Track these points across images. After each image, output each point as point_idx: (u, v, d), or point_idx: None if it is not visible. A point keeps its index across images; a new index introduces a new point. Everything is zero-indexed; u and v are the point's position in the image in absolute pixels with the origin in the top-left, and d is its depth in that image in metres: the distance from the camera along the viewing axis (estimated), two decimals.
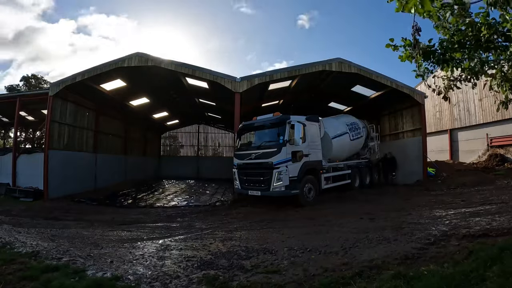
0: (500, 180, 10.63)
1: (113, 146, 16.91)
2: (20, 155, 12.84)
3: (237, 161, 9.77)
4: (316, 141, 9.91)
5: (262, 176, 8.85)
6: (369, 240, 4.68)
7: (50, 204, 10.45)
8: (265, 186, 8.74)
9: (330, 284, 3.09)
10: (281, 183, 8.46)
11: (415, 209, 7.39)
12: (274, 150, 8.68)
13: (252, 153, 9.27)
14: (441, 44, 3.41)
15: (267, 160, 8.74)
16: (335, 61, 11.80)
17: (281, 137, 8.70)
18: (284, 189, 8.50)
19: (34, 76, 31.22)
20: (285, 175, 8.46)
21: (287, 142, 8.61)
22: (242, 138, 10.51)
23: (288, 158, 8.61)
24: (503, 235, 4.12)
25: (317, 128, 10.10)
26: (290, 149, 8.66)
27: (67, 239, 5.72)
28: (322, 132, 10.47)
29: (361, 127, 13.11)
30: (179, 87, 14.16)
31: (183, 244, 5.35)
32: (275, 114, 9.54)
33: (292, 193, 8.60)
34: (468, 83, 3.96)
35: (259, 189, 8.95)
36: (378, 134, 14.65)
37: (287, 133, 8.68)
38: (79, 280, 3.47)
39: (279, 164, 8.53)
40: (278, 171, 8.47)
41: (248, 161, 9.36)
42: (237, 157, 9.81)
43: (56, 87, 11.65)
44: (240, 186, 9.62)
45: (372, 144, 14.00)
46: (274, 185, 8.50)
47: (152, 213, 9.57)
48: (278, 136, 8.80)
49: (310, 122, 9.76)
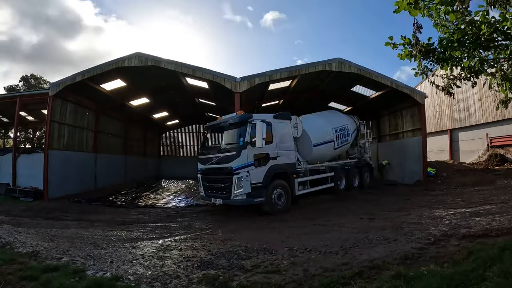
0: (500, 180, 10.62)
1: (113, 146, 16.90)
2: (20, 155, 12.81)
3: (200, 166, 8.97)
4: (287, 142, 8.91)
5: (223, 183, 8.01)
6: (369, 240, 4.68)
7: (50, 204, 10.45)
8: (226, 194, 7.90)
9: (330, 284, 3.09)
10: (241, 190, 7.57)
11: (415, 209, 7.39)
12: (234, 154, 7.78)
13: (213, 157, 8.42)
14: (440, 42, 3.40)
15: (226, 165, 7.85)
16: (335, 61, 11.79)
17: (241, 138, 7.84)
18: (245, 197, 7.61)
19: (33, 76, 31.17)
20: (246, 181, 7.56)
21: (248, 144, 7.70)
22: (208, 140, 9.85)
23: (249, 162, 7.70)
24: (503, 235, 4.12)
25: (288, 127, 9.10)
26: (252, 152, 7.75)
27: (67, 239, 5.72)
28: (300, 131, 9.59)
29: (349, 124, 12.19)
30: (179, 87, 14.15)
31: (183, 244, 5.36)
32: (238, 112, 8.69)
33: (255, 201, 7.71)
34: (468, 82, 3.96)
35: (221, 197, 8.14)
36: (370, 131, 13.79)
37: (248, 134, 7.78)
38: (79, 280, 3.47)
39: (239, 169, 7.62)
40: (238, 177, 7.57)
41: (210, 166, 8.51)
42: (200, 161, 9.01)
43: (56, 87, 11.65)
44: (204, 193, 8.86)
45: (363, 142, 13.09)
46: (235, 193, 7.62)
47: (152, 213, 9.57)
48: (239, 138, 7.95)
49: (279, 121, 8.80)
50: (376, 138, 16.90)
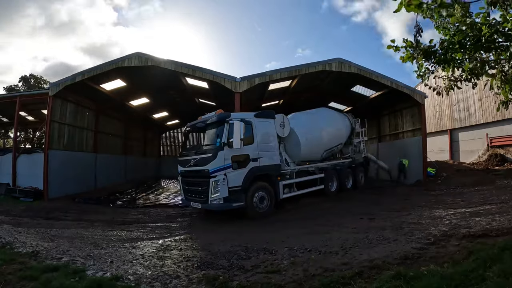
0: (500, 180, 10.62)
1: (113, 146, 16.91)
2: (20, 155, 12.81)
3: (180, 168, 8.54)
4: (270, 142, 8.41)
5: (200, 186, 7.55)
6: (369, 240, 4.68)
7: (50, 204, 10.45)
8: (204, 198, 7.44)
9: (330, 284, 3.09)
10: (218, 194, 7.13)
11: (415, 209, 7.39)
12: (210, 156, 7.34)
13: (191, 159, 7.97)
14: (441, 44, 3.41)
15: (203, 168, 7.41)
16: (335, 61, 11.80)
17: (218, 139, 7.40)
18: (222, 201, 7.18)
19: (32, 76, 31.13)
20: (223, 185, 7.11)
21: (225, 145, 7.24)
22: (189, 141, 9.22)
23: (227, 165, 7.23)
24: (503, 235, 4.12)
25: (272, 126, 8.61)
26: (229, 153, 7.27)
27: (67, 239, 5.73)
28: (287, 130, 9.10)
29: (342, 122, 11.69)
30: (179, 87, 14.15)
31: (183, 244, 5.37)
32: (217, 111, 8.15)
33: (233, 206, 7.26)
34: (469, 83, 3.96)
35: (199, 201, 7.66)
36: (365, 130, 13.22)
37: (225, 134, 7.31)
38: (79, 280, 3.47)
39: (216, 172, 7.17)
40: (215, 180, 7.12)
41: (188, 168, 8.07)
42: (180, 164, 8.54)
43: (56, 87, 11.65)
44: (184, 197, 8.51)
45: (358, 141, 12.62)
46: (212, 197, 7.18)
47: (152, 213, 9.58)
48: (217, 139, 7.52)
49: (261, 119, 8.27)
50: (376, 138, 16.93)
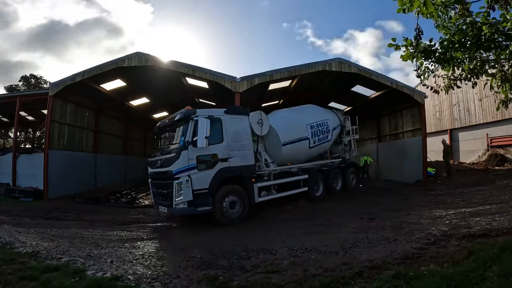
0: (500, 180, 10.61)
1: (113, 146, 16.91)
2: (20, 155, 12.82)
3: (149, 170, 7.96)
4: (243, 141, 7.71)
5: (165, 189, 7.05)
6: (369, 240, 4.68)
7: (50, 204, 10.45)
8: (169, 201, 6.89)
9: (330, 284, 3.09)
10: (181, 198, 6.56)
11: (415, 209, 7.38)
12: (173, 156, 6.79)
13: (158, 159, 7.46)
14: (442, 43, 3.41)
15: (167, 169, 6.89)
16: (335, 61, 11.80)
17: (182, 138, 6.85)
18: (186, 206, 6.59)
19: (33, 75, 31.16)
20: (187, 187, 6.53)
21: (189, 144, 6.67)
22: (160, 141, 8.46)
23: (191, 165, 6.65)
24: (503, 235, 4.12)
25: (245, 123, 7.93)
26: (194, 153, 6.68)
27: (67, 239, 5.73)
28: (265, 128, 8.49)
29: (330, 119, 10.96)
30: (179, 87, 14.15)
31: (183, 244, 5.36)
32: (187, 107, 7.50)
33: (198, 211, 6.64)
34: (469, 82, 3.97)
35: (165, 205, 7.17)
36: (356, 127, 12.54)
37: (189, 132, 6.73)
38: (79, 280, 3.48)
39: (179, 173, 6.60)
40: (178, 182, 6.57)
41: (155, 169, 7.57)
42: (149, 165, 7.96)
43: (56, 87, 11.65)
44: (154, 200, 8.07)
45: (348, 140, 12.02)
46: (176, 201, 6.61)
47: (152, 213, 9.56)
48: (181, 137, 6.97)
49: (231, 116, 7.63)
50: (376, 138, 16.93)
